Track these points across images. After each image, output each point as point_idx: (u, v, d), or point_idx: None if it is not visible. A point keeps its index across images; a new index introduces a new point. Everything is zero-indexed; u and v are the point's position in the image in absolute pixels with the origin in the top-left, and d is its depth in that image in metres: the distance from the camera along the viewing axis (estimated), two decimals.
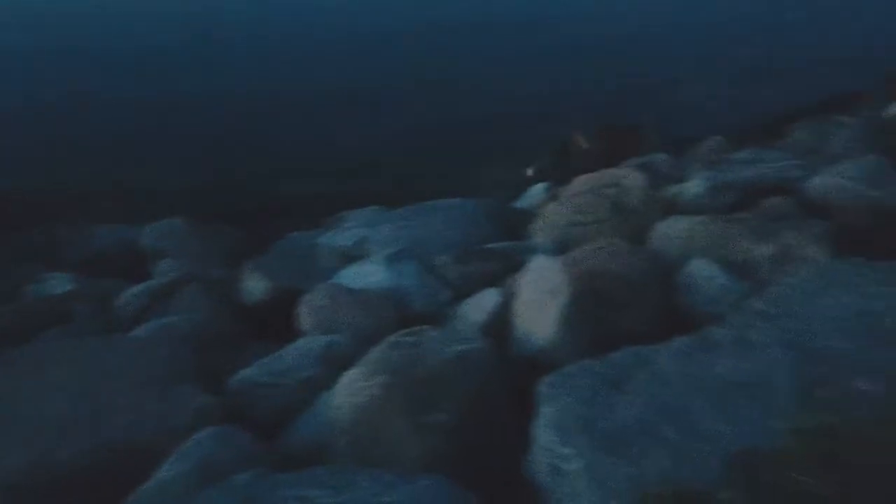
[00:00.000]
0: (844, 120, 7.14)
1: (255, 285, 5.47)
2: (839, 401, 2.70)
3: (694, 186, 5.54)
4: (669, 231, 4.92)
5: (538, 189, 7.05)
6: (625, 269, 4.44)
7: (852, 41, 13.96)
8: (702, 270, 4.39)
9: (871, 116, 7.80)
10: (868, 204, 4.91)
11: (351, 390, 3.62)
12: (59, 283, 6.26)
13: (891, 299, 3.43)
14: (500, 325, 4.26)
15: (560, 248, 5.07)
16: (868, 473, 2.34)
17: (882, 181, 5.16)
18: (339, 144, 10.85)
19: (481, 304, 4.40)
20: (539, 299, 4.13)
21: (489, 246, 5.30)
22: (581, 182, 6.56)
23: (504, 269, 4.82)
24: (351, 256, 5.81)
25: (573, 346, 3.90)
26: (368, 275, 5.04)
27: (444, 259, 5.02)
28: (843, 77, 11.46)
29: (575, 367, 3.23)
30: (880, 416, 2.49)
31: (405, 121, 11.56)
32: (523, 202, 6.93)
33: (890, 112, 7.81)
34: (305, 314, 4.81)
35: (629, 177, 6.14)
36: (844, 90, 10.70)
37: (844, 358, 3.04)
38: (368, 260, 5.28)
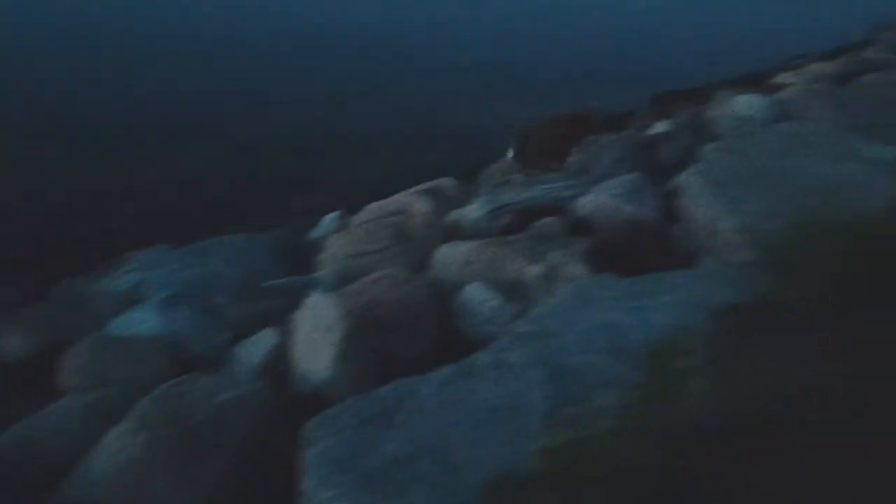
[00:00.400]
0: (613, 140, 7.66)
1: (15, 341, 5.00)
2: (583, 417, 2.83)
3: (473, 210, 5.71)
4: (448, 256, 5.03)
5: (329, 219, 6.99)
6: (403, 297, 4.49)
7: (620, 63, 15.03)
8: (477, 294, 4.52)
9: (637, 135, 8.43)
10: (625, 219, 5.27)
11: (116, 448, 3.43)
12: None
13: (634, 313, 3.68)
14: (277, 365, 4.15)
15: (342, 280, 5.04)
16: (602, 487, 2.46)
17: (639, 197, 5.56)
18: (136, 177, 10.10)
19: (258, 345, 4.27)
20: (315, 337, 4.06)
21: (272, 283, 5.17)
22: (368, 211, 6.60)
23: (285, 307, 4.69)
24: (128, 302, 5.45)
25: (351, 382, 3.86)
26: (141, 322, 4.75)
27: (222, 299, 4.84)
28: (618, 96, 12.29)
29: (339, 407, 3.20)
30: (615, 427, 2.63)
31: (215, 148, 10.97)
32: (315, 234, 6.84)
33: (652, 131, 8.48)
34: (70, 370, 4.46)
35: (413, 203, 6.24)
36: (613, 110, 11.50)
37: (591, 374, 3.22)
38: (142, 305, 4.98)
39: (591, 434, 2.66)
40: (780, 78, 10.98)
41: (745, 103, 8.04)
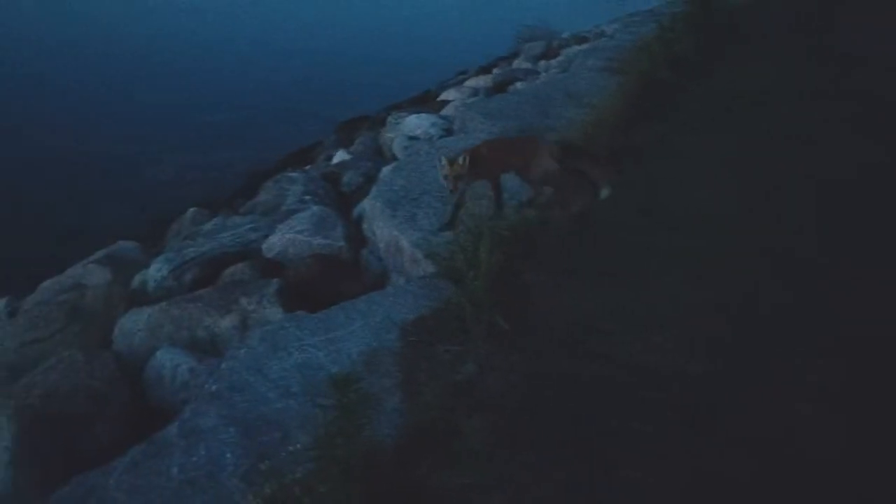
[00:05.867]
0: (296, 175, 7.67)
1: None
2: (281, 466, 2.75)
3: (156, 271, 5.37)
4: (131, 325, 4.68)
5: None
6: (84, 381, 4.07)
7: (308, 96, 15.21)
8: (167, 360, 4.24)
9: (321, 167, 8.55)
10: (315, 254, 5.29)
11: None
12: None
13: (327, 346, 3.68)
14: None
15: (12, 374, 4.46)
16: None
17: (326, 229, 5.62)
18: None
19: None
20: None
21: None
22: (40, 290, 5.94)
23: None
24: None
25: (31, 490, 3.43)
26: None
27: None
28: (301, 131, 12.39)
29: None
30: (311, 469, 2.58)
31: None
32: None
33: (335, 161, 8.65)
34: None
35: (90, 275, 5.73)
36: (302, 144, 11.59)
37: (286, 420, 3.16)
38: None
39: (290, 482, 2.58)
40: (445, 94, 11.82)
41: (415, 123, 8.52)
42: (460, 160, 4.57)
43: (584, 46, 13.03)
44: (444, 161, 4.61)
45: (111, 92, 14.90)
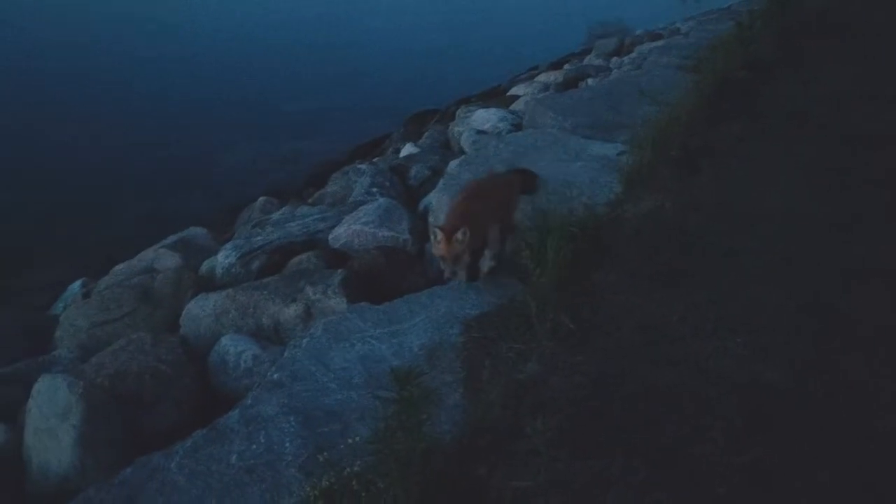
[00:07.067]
0: (364, 167, 7.70)
1: None
2: (339, 458, 2.72)
3: (224, 258, 5.44)
4: (199, 311, 4.73)
5: (71, 289, 6.37)
6: (151, 363, 4.14)
7: (377, 89, 15.31)
8: (232, 346, 4.27)
9: (388, 160, 8.56)
10: (379, 245, 5.27)
11: None
12: None
13: (389, 339, 3.65)
14: (8, 465, 3.65)
15: (83, 354, 4.57)
16: None
17: (391, 221, 5.60)
18: None
19: None
20: (50, 425, 3.62)
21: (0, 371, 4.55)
22: (113, 274, 6.09)
23: (19, 395, 4.15)
24: None
25: (97, 469, 3.48)
26: None
27: None
28: (371, 124, 12.47)
29: (76, 501, 2.85)
30: (370, 463, 2.54)
31: None
32: (56, 308, 6.19)
33: (403, 154, 8.65)
34: None
35: (161, 259, 5.85)
36: (371, 136, 11.66)
37: (347, 412, 3.13)
38: None
39: (348, 475, 2.55)
40: (514, 90, 11.71)
41: (484, 117, 8.45)
42: (459, 235, 3.72)
43: (659, 44, 12.73)
44: (439, 235, 3.76)
45: (187, 84, 15.31)
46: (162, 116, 12.99)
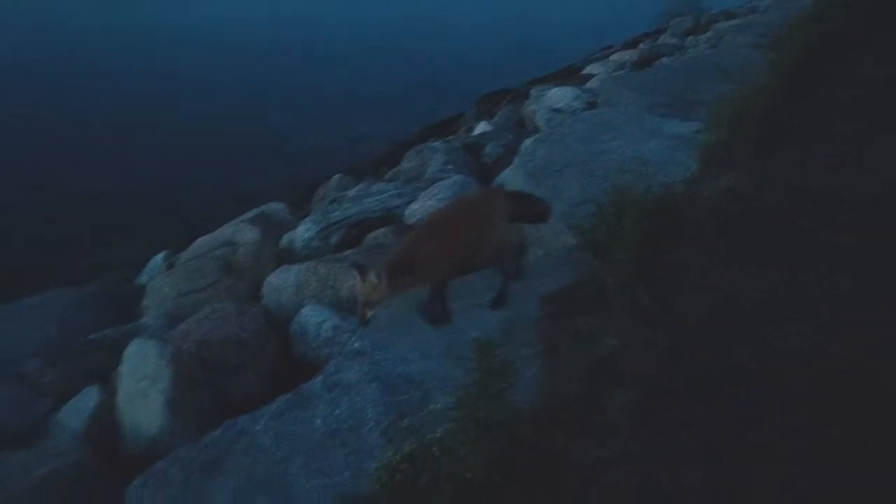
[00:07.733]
0: (438, 145, 7.75)
1: None
2: (420, 425, 2.80)
3: (304, 232, 5.58)
4: (280, 282, 4.87)
5: (156, 261, 6.62)
6: (235, 332, 4.30)
7: (450, 70, 15.35)
8: (312, 316, 4.39)
9: (462, 138, 8.59)
10: None
11: None
12: None
13: (468, 311, 3.70)
14: (103, 425, 3.85)
15: (169, 322, 4.77)
16: (441, 492, 2.43)
17: None
18: None
19: (80, 407, 3.94)
20: (142, 387, 3.81)
21: (92, 337, 4.79)
22: (196, 246, 6.31)
23: (109, 361, 4.37)
24: None
25: (184, 431, 3.66)
26: None
27: (35, 363, 4.43)
28: (442, 105, 12.51)
29: (166, 461, 3.00)
30: (450, 430, 2.60)
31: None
32: (142, 278, 6.45)
33: (476, 132, 8.67)
34: None
35: (241, 233, 6.03)
36: (444, 116, 11.69)
37: (427, 381, 3.20)
38: None
39: (429, 441, 2.62)
40: (588, 69, 11.57)
41: (558, 96, 8.39)
42: (373, 276, 3.10)
43: (735, 22, 12.37)
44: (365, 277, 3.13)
45: (269, 67, 15.66)
46: (242, 101, 13.33)
